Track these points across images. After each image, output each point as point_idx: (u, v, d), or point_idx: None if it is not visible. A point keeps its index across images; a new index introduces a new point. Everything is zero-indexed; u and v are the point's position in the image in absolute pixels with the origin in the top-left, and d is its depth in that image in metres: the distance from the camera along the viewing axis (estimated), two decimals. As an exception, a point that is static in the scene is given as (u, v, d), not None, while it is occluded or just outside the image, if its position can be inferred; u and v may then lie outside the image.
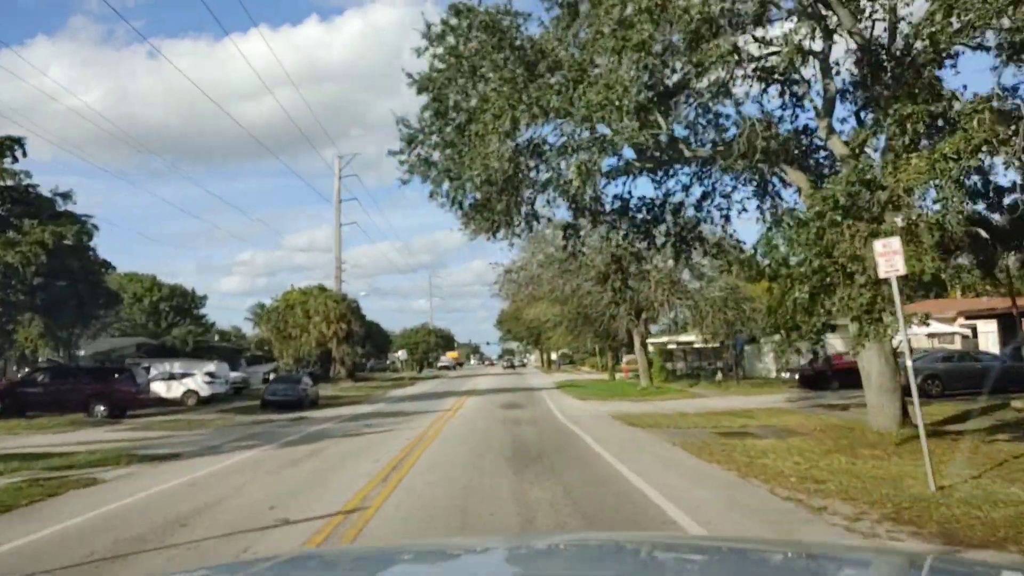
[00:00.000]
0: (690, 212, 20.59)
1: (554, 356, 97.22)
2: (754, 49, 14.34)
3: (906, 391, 12.84)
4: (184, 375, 34.61)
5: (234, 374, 40.65)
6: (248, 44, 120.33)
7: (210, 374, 34.99)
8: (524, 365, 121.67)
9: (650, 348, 70.10)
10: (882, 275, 8.98)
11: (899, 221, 10.72)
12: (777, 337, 35.68)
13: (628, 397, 30.13)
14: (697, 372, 41.86)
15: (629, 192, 19.96)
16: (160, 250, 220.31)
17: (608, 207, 20.06)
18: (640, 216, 20.44)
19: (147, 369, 37.34)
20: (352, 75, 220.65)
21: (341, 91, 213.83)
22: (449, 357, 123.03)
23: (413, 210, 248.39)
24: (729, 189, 20.42)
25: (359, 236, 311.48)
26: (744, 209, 20.45)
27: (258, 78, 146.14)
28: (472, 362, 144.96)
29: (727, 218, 20.26)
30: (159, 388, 33.85)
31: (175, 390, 33.82)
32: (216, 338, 79.40)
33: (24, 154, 24.03)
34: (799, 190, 15.92)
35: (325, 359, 59.71)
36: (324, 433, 18.45)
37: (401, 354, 58.74)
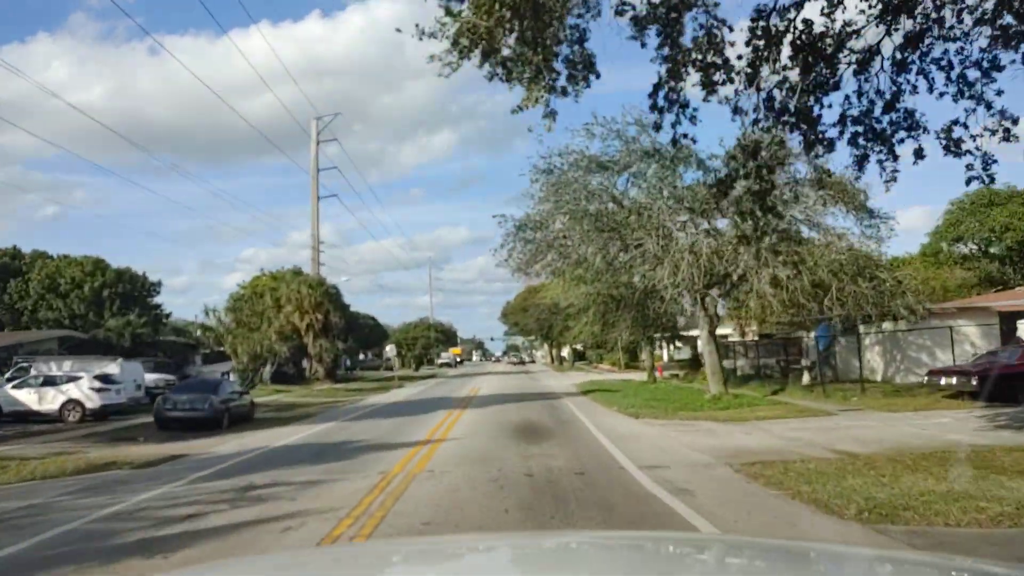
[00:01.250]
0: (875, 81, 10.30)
1: (564, 352, 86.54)
2: None
3: None
4: (70, 379, 24.13)
5: (154, 376, 30.12)
6: (249, 40, 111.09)
7: (103, 378, 24.46)
8: (533, 361, 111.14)
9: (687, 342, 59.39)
10: None
11: None
12: (888, 325, 25.04)
13: (701, 411, 19.63)
14: (767, 372, 31.28)
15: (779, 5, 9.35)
16: (162, 247, 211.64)
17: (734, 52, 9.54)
18: (797, 64, 9.96)
19: (25, 368, 27.07)
20: (353, 71, 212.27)
21: (342, 87, 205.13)
22: (452, 353, 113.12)
23: (415, 207, 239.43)
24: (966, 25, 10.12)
25: (362, 233, 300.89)
26: (996, 66, 10.13)
27: (259, 76, 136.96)
28: (474, 358, 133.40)
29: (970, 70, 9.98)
30: (28, 398, 23.46)
31: (52, 401, 23.37)
32: (199, 331, 69.11)
33: None
34: None
35: (300, 356, 49.34)
36: (75, 546, 7.91)
37: (389, 349, 48.32)
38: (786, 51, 9.95)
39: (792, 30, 9.78)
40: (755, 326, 58.52)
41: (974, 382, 17.83)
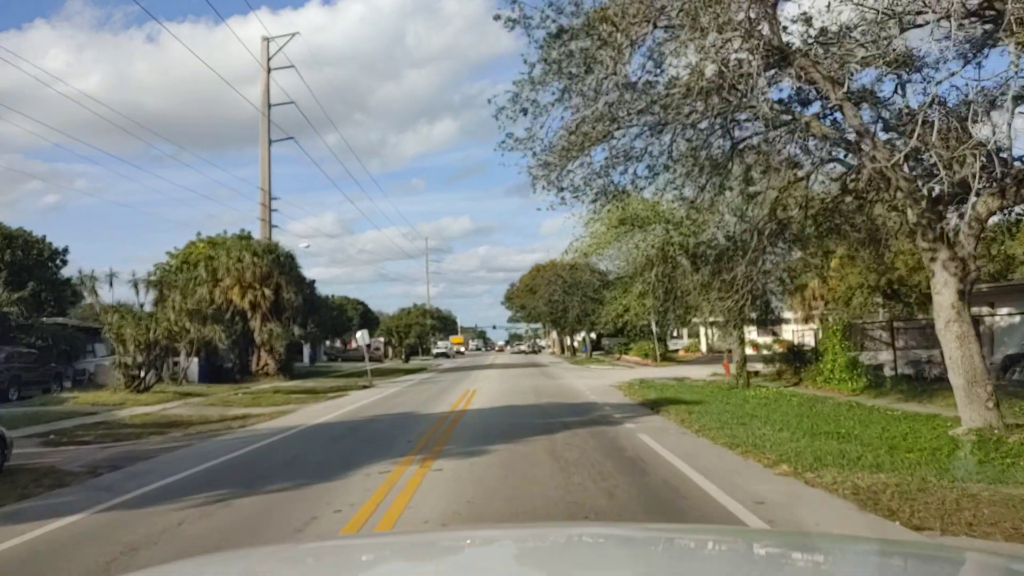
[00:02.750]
0: None
1: (576, 340, 73.63)
2: None
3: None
4: None
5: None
6: (248, 28, 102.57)
7: None
8: (539, 351, 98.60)
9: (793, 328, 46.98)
10: None
11: None
12: None
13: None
14: (923, 373, 18.86)
15: None
16: (161, 236, 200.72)
17: None
18: None
19: None
20: (354, 59, 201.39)
21: (342, 75, 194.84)
22: (450, 342, 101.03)
23: (417, 197, 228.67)
24: None
25: (364, 222, 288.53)
26: None
27: (256, 61, 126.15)
28: (471, 345, 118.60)
29: None
30: None
31: None
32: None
33: None
34: None
35: (247, 345, 37.03)
36: None
37: (360, 336, 36.03)
38: None
39: None
40: (820, 307, 46.29)
41: None
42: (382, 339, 79.24)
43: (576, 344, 72.82)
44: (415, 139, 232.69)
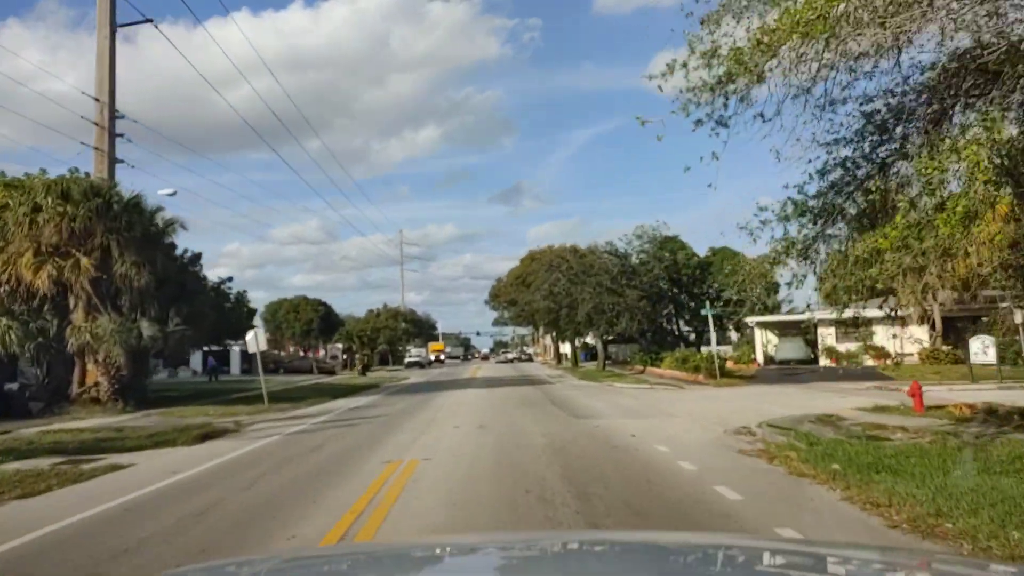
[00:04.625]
0: None
1: (570, 346, 58.40)
2: None
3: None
4: None
5: None
6: (228, 30, 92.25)
7: None
8: (531, 359, 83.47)
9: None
10: None
11: None
12: None
13: None
14: None
15: None
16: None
17: None
18: None
19: None
20: (337, 63, 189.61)
21: (325, 79, 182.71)
22: (427, 350, 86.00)
23: (401, 204, 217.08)
24: None
25: (347, 228, 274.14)
26: None
27: (234, 67, 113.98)
28: (447, 350, 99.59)
29: None
30: None
31: None
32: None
33: None
34: None
35: (58, 355, 21.82)
36: None
37: (251, 339, 21.26)
38: None
39: None
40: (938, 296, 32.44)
41: None
42: (340, 345, 64.23)
43: (568, 352, 57.52)
44: (399, 145, 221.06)
